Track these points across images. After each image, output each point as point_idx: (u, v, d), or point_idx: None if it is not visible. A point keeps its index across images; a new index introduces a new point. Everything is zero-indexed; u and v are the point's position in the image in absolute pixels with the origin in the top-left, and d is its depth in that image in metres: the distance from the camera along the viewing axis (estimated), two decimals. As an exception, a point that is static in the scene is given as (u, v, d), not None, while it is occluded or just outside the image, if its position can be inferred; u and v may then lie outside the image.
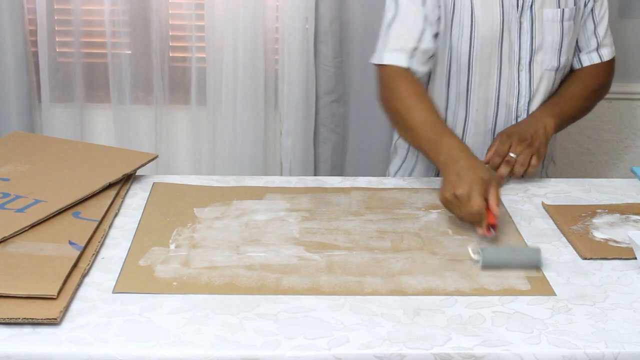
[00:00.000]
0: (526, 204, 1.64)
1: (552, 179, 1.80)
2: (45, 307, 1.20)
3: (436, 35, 1.81)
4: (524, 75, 1.85)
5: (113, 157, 1.75)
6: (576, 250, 1.46)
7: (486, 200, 1.48)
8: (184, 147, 2.59)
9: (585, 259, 1.43)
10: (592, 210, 1.61)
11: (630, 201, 1.67)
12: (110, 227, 1.50)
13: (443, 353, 1.16)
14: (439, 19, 1.80)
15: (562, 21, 1.84)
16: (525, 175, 1.73)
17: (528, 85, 1.85)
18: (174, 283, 1.32)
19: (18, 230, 1.41)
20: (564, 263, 1.42)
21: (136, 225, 1.51)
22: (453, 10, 1.80)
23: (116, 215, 1.55)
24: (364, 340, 1.17)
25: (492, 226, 1.47)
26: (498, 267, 1.38)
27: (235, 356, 1.15)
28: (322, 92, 2.53)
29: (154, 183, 1.70)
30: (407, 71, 1.77)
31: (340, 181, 1.75)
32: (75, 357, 1.14)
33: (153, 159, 1.76)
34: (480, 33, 1.80)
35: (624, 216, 1.59)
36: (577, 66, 1.94)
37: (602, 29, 1.91)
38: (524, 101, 1.86)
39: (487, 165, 1.66)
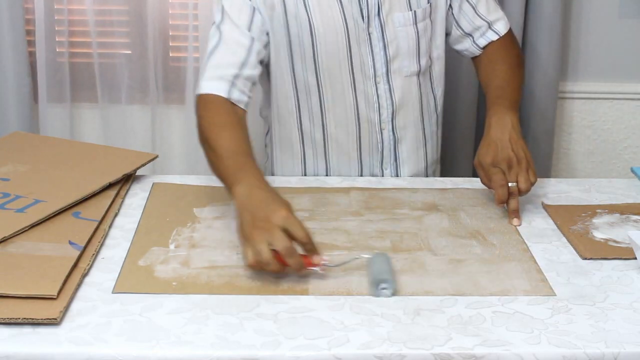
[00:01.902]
0: (526, 204, 1.63)
1: (552, 179, 1.80)
2: (45, 307, 1.20)
3: (262, 62, 1.74)
4: (383, 87, 1.78)
5: (113, 157, 1.75)
6: (576, 250, 1.46)
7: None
8: (181, 148, 2.59)
9: (585, 259, 1.43)
10: (592, 210, 1.61)
11: (630, 201, 1.67)
12: (110, 227, 1.50)
13: (443, 353, 1.16)
14: (267, 44, 1.74)
15: (415, 23, 1.76)
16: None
17: (389, 97, 1.78)
18: (174, 283, 1.32)
19: (18, 230, 1.41)
20: (564, 263, 1.42)
21: (136, 225, 1.51)
22: (288, 31, 1.73)
23: (116, 215, 1.55)
24: (364, 340, 1.17)
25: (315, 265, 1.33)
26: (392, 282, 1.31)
27: (235, 356, 1.15)
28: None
29: (153, 183, 1.70)
30: (225, 100, 1.64)
31: (340, 181, 1.75)
32: (75, 357, 1.14)
33: (153, 159, 1.76)
34: (323, 50, 1.73)
35: (624, 216, 1.59)
36: (476, 52, 1.87)
37: (482, 7, 1.84)
38: (386, 113, 1.79)
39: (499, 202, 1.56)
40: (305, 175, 1.86)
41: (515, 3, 2.34)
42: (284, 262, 1.30)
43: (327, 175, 1.84)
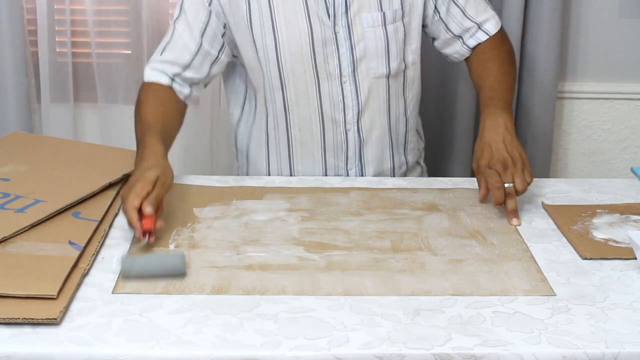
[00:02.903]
0: (526, 204, 1.64)
1: (552, 179, 1.80)
2: (45, 307, 1.20)
3: (216, 63, 1.77)
4: (349, 87, 1.76)
5: (113, 157, 1.75)
6: (576, 250, 1.46)
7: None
8: (181, 148, 2.59)
9: (585, 259, 1.43)
10: (592, 210, 1.61)
11: (630, 201, 1.67)
12: (110, 227, 1.50)
13: (443, 353, 1.16)
14: (222, 47, 1.76)
15: (384, 25, 1.74)
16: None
17: (355, 97, 1.77)
18: (174, 283, 1.32)
19: (18, 230, 1.41)
20: (564, 263, 1.42)
21: (136, 225, 1.51)
22: (251, 29, 1.72)
23: (116, 215, 1.55)
24: (364, 340, 1.17)
25: (148, 232, 1.40)
26: (141, 276, 1.32)
27: (235, 356, 1.15)
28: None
29: (153, 183, 1.70)
30: (166, 86, 1.76)
31: (340, 181, 1.75)
32: (75, 357, 1.14)
33: (153, 159, 1.76)
34: (286, 49, 1.73)
35: (624, 216, 1.59)
36: (466, 53, 1.87)
37: (471, 9, 1.83)
38: (352, 114, 1.78)
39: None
40: (269, 174, 1.86)
41: (514, 3, 2.34)
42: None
43: (291, 175, 1.84)
